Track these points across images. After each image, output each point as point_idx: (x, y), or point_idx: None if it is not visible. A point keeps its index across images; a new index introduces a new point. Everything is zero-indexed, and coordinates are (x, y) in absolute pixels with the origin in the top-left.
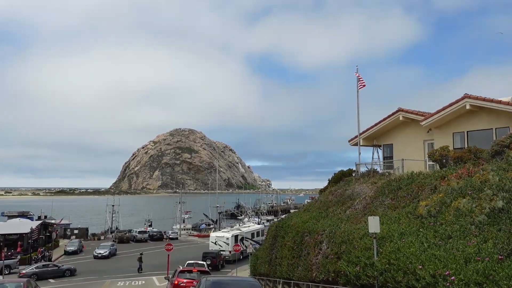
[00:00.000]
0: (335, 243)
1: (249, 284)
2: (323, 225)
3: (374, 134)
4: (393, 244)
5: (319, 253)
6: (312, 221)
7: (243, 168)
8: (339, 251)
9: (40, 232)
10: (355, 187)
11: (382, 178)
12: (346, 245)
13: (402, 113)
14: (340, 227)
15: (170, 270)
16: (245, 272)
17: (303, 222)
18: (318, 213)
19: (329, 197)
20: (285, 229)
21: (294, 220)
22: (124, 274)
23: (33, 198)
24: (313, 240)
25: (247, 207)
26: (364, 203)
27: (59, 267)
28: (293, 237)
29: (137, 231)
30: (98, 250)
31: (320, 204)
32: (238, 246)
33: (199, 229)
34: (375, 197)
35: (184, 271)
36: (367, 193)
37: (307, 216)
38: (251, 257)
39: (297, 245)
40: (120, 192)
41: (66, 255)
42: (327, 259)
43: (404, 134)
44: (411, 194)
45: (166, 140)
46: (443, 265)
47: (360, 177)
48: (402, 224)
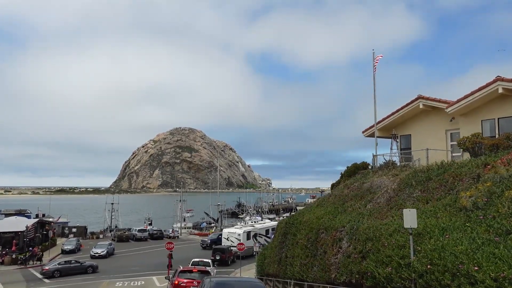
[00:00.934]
0: (359, 241)
1: (253, 285)
2: (341, 221)
3: (390, 124)
4: (434, 241)
5: (338, 252)
6: (327, 216)
7: (243, 167)
8: (364, 250)
9: (37, 231)
10: (374, 180)
11: (404, 169)
12: (373, 242)
13: (422, 100)
14: (363, 223)
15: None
16: (249, 272)
17: (318, 218)
18: (334, 208)
19: (345, 191)
20: (297, 226)
21: (306, 216)
22: (122, 274)
23: (33, 196)
24: (330, 237)
25: (248, 206)
26: (387, 196)
27: (81, 263)
28: (307, 235)
29: (136, 230)
30: (95, 249)
31: (334, 199)
32: (243, 245)
33: (200, 227)
34: (400, 189)
35: (185, 271)
36: (389, 186)
37: (321, 212)
38: (257, 256)
39: (311, 243)
40: (120, 191)
41: (63, 254)
42: (349, 258)
43: (423, 123)
44: (445, 185)
45: (166, 139)
46: (508, 266)
47: (378, 170)
48: (441, 218)
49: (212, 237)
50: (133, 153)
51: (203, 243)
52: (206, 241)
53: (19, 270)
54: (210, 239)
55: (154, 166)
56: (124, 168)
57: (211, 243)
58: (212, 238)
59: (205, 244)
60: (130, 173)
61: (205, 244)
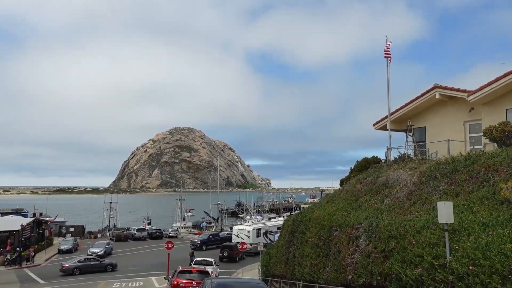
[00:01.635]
0: (380, 239)
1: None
2: (357, 218)
3: (403, 116)
4: (474, 239)
5: (355, 251)
6: (340, 213)
7: (242, 167)
8: (387, 249)
9: (33, 230)
10: (389, 173)
11: (423, 162)
12: (397, 240)
13: (439, 90)
14: (383, 219)
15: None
16: (252, 273)
17: (330, 215)
18: (346, 204)
19: (357, 186)
20: (306, 224)
21: (317, 213)
22: (120, 275)
23: (31, 196)
24: (345, 235)
25: (248, 205)
26: (407, 190)
27: (101, 261)
28: (317, 233)
29: (135, 229)
30: (92, 249)
31: (346, 194)
32: (245, 245)
33: (200, 227)
34: (421, 183)
35: (184, 271)
36: (408, 180)
37: (333, 208)
38: (262, 256)
39: (323, 241)
40: (119, 190)
41: (60, 253)
42: (369, 258)
43: (440, 114)
44: (477, 176)
45: (166, 139)
46: None
47: (393, 163)
48: (479, 213)
49: (203, 238)
50: (132, 153)
51: (192, 244)
52: (196, 242)
53: (14, 271)
54: (201, 240)
55: (153, 166)
56: (123, 168)
57: (201, 243)
58: (203, 238)
59: (195, 244)
60: (129, 173)
61: (195, 244)
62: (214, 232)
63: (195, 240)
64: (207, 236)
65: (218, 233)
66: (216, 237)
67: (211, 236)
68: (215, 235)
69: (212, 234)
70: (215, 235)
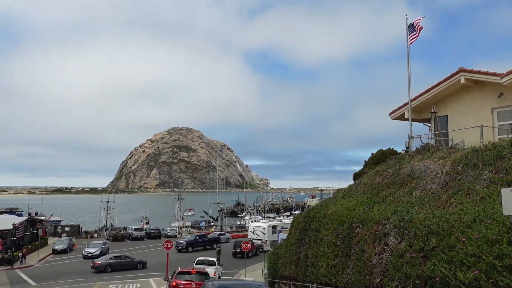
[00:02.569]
0: (416, 236)
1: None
2: (383, 212)
3: (422, 104)
4: None
5: (383, 250)
6: (361, 208)
7: (241, 167)
8: (426, 247)
9: (26, 229)
10: (414, 164)
11: (452, 151)
12: (440, 237)
13: (464, 74)
14: (417, 213)
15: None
16: (254, 274)
17: (349, 210)
18: (366, 198)
19: (376, 179)
20: (320, 220)
21: (332, 208)
22: (116, 276)
23: (29, 196)
24: (370, 232)
25: (248, 205)
26: (440, 181)
27: (131, 259)
28: (335, 230)
29: (133, 228)
30: (88, 249)
31: (365, 188)
32: (248, 244)
33: (199, 226)
34: (457, 172)
35: (183, 272)
36: (438, 170)
37: (351, 203)
38: (268, 256)
39: (341, 240)
40: (117, 190)
41: (54, 254)
42: (402, 258)
43: (464, 101)
44: None
45: (164, 138)
46: None
47: (415, 153)
48: None
49: (189, 239)
50: (130, 153)
51: (178, 245)
52: (182, 243)
53: (5, 272)
54: (186, 241)
55: (152, 166)
56: (122, 168)
57: (188, 245)
58: (189, 239)
59: (180, 246)
60: (127, 173)
61: (181, 246)
62: (201, 233)
63: (180, 242)
64: (194, 237)
65: (205, 234)
66: (203, 238)
67: (197, 237)
68: (202, 236)
69: (199, 235)
70: (202, 236)
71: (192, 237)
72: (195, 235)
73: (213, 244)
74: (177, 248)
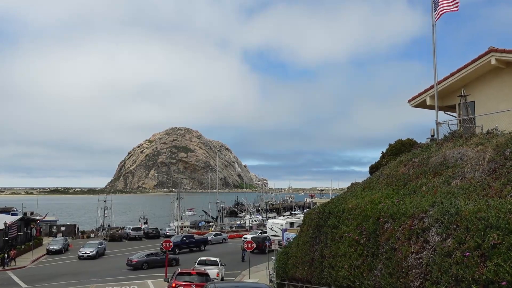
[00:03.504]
0: (469, 231)
1: None
2: (418, 204)
3: (445, 90)
4: None
5: (423, 249)
6: (389, 200)
7: (239, 167)
8: (485, 245)
9: (20, 229)
10: (446, 152)
11: (489, 137)
12: (502, 232)
13: (495, 54)
14: (466, 204)
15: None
16: (258, 275)
17: (374, 204)
18: (392, 190)
19: (400, 170)
20: (338, 216)
21: (353, 202)
22: (113, 277)
23: (26, 196)
24: (403, 228)
25: (248, 204)
26: (484, 168)
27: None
28: (358, 226)
29: (130, 228)
30: (83, 249)
31: (388, 179)
32: (251, 244)
33: (198, 226)
34: (506, 158)
35: (183, 273)
36: (478, 157)
37: (375, 196)
38: (277, 255)
39: (366, 237)
40: (115, 191)
41: (49, 254)
42: (449, 258)
43: (494, 85)
44: None
45: (162, 139)
46: None
47: (444, 141)
48: None
49: (176, 240)
50: (128, 153)
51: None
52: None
53: None
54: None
55: (150, 166)
56: (120, 168)
57: (174, 247)
58: (176, 241)
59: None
60: (126, 173)
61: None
62: (188, 234)
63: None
64: (180, 238)
65: (192, 235)
66: (190, 239)
67: (185, 238)
68: (189, 237)
69: (186, 236)
70: (189, 237)
71: (179, 238)
72: (182, 236)
73: (201, 246)
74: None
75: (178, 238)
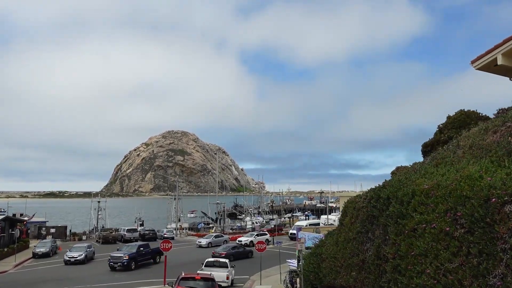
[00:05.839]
0: None
1: None
2: None
3: None
4: None
5: None
6: (497, 174)
7: (236, 170)
8: None
9: (4, 230)
10: None
11: None
12: None
13: None
14: None
15: (169, 276)
16: (269, 280)
17: (472, 179)
18: (490, 161)
19: (488, 138)
20: (406, 201)
21: (429, 182)
22: (103, 284)
23: (21, 200)
24: None
25: (248, 206)
26: None
27: (244, 248)
28: (448, 212)
29: (125, 230)
30: (70, 253)
31: (473, 151)
32: (264, 245)
33: (197, 228)
34: None
35: (187, 278)
36: None
37: (470, 169)
38: (304, 256)
39: (467, 226)
40: (111, 194)
41: (35, 258)
42: None
43: None
44: None
45: (159, 142)
46: None
47: None
48: None
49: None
50: (125, 157)
51: (115, 261)
52: (122, 258)
53: None
54: (129, 255)
55: (146, 169)
56: (116, 172)
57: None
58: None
59: (119, 262)
60: (122, 176)
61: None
62: (142, 243)
63: (119, 255)
64: (136, 248)
65: (148, 244)
66: (146, 249)
67: (141, 247)
68: (145, 246)
69: (142, 245)
70: (145, 245)
71: (134, 248)
72: (137, 245)
73: (156, 257)
74: (114, 265)
75: (134, 249)
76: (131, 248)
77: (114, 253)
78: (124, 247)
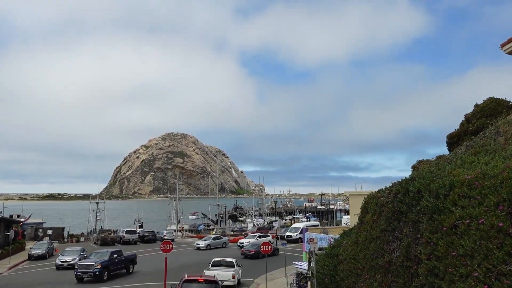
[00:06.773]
0: None
1: None
2: None
3: None
4: None
5: None
6: None
7: (236, 173)
8: None
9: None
10: None
11: None
12: None
13: None
14: None
15: (170, 278)
16: (275, 283)
17: None
18: None
19: None
20: (443, 194)
21: (471, 171)
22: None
23: (20, 202)
24: None
25: (249, 208)
26: None
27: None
28: (500, 205)
29: (124, 231)
30: (62, 257)
31: None
32: (269, 246)
33: (197, 230)
34: None
35: (190, 280)
36: None
37: None
38: (316, 258)
39: None
40: (110, 196)
41: (30, 260)
42: None
43: None
44: None
45: (158, 144)
46: None
47: None
48: None
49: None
50: (124, 159)
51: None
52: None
53: None
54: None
55: (146, 172)
56: (115, 174)
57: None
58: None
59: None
60: (121, 179)
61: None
62: (115, 249)
63: (89, 264)
64: (108, 255)
65: (121, 250)
66: (120, 256)
67: (114, 254)
68: (118, 253)
69: (114, 252)
70: (118, 252)
71: (107, 255)
72: (110, 252)
73: (129, 266)
74: (82, 275)
75: (106, 256)
76: (103, 255)
77: (82, 261)
78: (92, 254)
